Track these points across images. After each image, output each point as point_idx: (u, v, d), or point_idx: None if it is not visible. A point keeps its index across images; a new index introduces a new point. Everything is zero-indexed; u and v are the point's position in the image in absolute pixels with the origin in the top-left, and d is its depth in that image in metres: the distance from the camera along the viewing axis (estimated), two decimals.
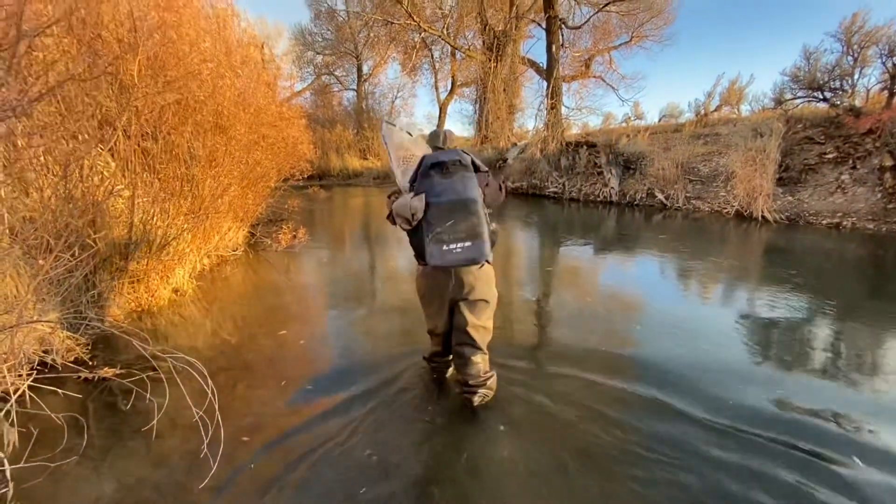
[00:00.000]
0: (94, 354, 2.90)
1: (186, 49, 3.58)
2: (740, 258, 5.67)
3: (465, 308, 2.17)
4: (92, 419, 2.22)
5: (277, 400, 2.44)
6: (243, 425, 2.18)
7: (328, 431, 2.13)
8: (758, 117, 10.28)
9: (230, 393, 2.52)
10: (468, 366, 2.21)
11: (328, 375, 2.72)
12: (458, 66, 22.67)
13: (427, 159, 2.06)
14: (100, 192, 3.13)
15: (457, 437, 2.10)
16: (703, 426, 2.14)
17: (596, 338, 3.22)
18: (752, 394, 2.42)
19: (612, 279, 4.99)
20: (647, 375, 2.61)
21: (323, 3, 22.93)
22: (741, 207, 8.12)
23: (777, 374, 2.69)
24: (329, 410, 2.31)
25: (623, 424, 2.15)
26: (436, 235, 1.96)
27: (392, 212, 2.10)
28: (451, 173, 2.01)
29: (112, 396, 2.44)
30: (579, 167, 11.58)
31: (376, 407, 2.33)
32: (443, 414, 2.28)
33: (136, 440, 2.08)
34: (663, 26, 17.53)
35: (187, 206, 3.88)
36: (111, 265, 3.33)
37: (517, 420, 2.21)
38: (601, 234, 7.57)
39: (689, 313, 3.80)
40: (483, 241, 1.99)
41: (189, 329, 3.45)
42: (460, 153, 2.06)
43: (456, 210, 1.96)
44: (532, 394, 2.42)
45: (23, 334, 2.52)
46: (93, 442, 2.04)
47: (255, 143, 4.76)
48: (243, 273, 5.07)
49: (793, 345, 3.14)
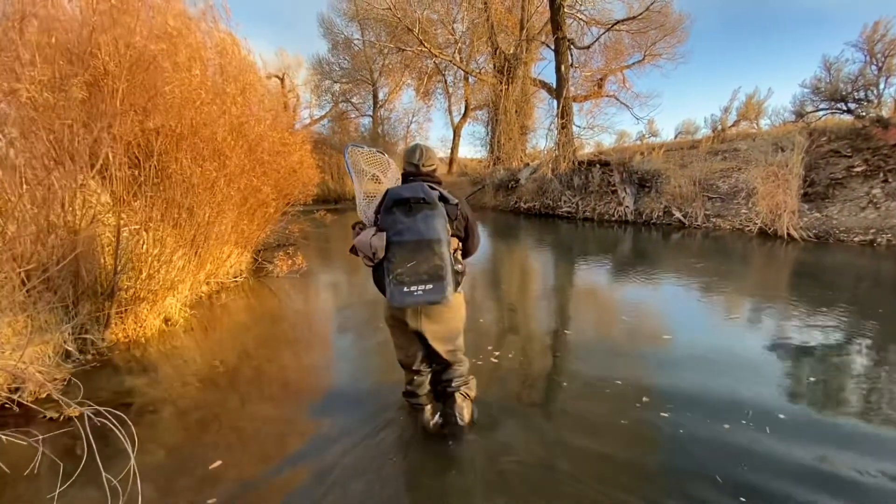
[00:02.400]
0: (67, 390, 2.77)
1: (178, 77, 3.56)
2: (769, 279, 5.29)
3: (432, 340, 2.12)
4: (43, 469, 2.05)
5: (246, 447, 2.25)
6: (205, 474, 1.99)
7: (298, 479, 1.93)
8: (778, 131, 9.91)
9: (198, 435, 2.35)
10: (446, 372, 2.29)
11: (304, 418, 2.53)
12: (470, 90, 22.96)
13: (390, 195, 1.95)
14: (84, 220, 3.06)
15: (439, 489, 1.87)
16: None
17: (613, 381, 2.91)
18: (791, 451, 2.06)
19: (633, 305, 4.54)
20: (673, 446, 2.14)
21: (340, 34, 23.71)
22: (765, 225, 7.70)
23: (820, 421, 2.31)
24: (299, 457, 2.11)
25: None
26: (396, 276, 1.88)
27: (354, 245, 2.01)
28: (413, 212, 1.91)
29: (72, 440, 2.27)
30: (593, 186, 11.33)
31: (355, 457, 2.12)
32: (426, 460, 2.06)
33: (90, 495, 1.90)
34: (676, 44, 17.44)
35: (178, 233, 3.80)
36: (95, 295, 3.24)
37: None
38: (618, 254, 7.25)
39: (717, 343, 3.41)
40: (445, 283, 1.89)
41: (174, 362, 3.31)
42: (426, 189, 1.94)
43: (418, 250, 1.87)
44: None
45: None
46: (41, 499, 1.86)
47: (253, 169, 4.71)
48: (242, 300, 4.96)
49: (837, 383, 2.77)
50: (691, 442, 2.13)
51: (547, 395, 2.72)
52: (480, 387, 2.56)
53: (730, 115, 11.54)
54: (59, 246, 2.93)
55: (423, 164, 2.17)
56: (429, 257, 1.87)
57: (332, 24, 23.36)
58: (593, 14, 15.99)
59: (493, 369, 2.99)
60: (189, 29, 4.40)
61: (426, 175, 2.17)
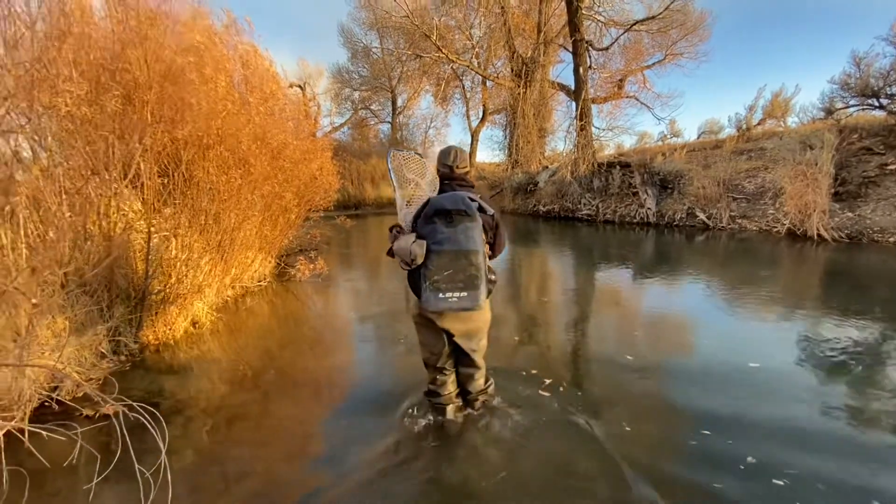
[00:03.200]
0: (104, 388, 2.90)
1: (206, 89, 3.71)
2: (810, 282, 5.12)
3: (458, 337, 2.21)
4: (82, 464, 2.16)
5: (273, 445, 2.32)
6: (230, 473, 2.06)
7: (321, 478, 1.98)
8: (806, 129, 9.61)
9: (227, 434, 2.42)
10: (470, 382, 2.39)
11: (327, 418, 2.58)
12: (488, 95, 22.99)
13: (432, 204, 2.03)
14: (117, 227, 3.21)
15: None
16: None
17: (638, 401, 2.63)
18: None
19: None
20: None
21: (359, 43, 24.12)
22: (793, 225, 7.47)
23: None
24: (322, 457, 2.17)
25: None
26: (433, 283, 1.97)
27: (392, 249, 2.10)
28: (454, 223, 1.99)
29: (108, 437, 2.38)
30: (613, 188, 11.19)
31: (378, 457, 2.16)
32: (448, 461, 2.08)
33: (123, 487, 1.98)
34: (698, 43, 17.09)
35: (204, 238, 3.93)
36: (127, 298, 3.38)
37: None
38: (643, 257, 7.14)
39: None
40: (479, 292, 2.00)
41: (199, 363, 3.42)
42: (467, 202, 2.01)
43: (456, 260, 1.97)
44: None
45: (32, 371, 2.55)
46: (77, 493, 1.96)
47: (275, 176, 4.84)
48: (266, 304, 5.08)
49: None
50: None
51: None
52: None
53: (755, 114, 11.23)
54: (94, 251, 3.08)
55: (457, 166, 2.23)
56: (465, 267, 1.97)
57: (352, 34, 23.82)
58: (612, 15, 15.84)
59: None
60: (214, 42, 4.58)
61: (460, 178, 2.24)
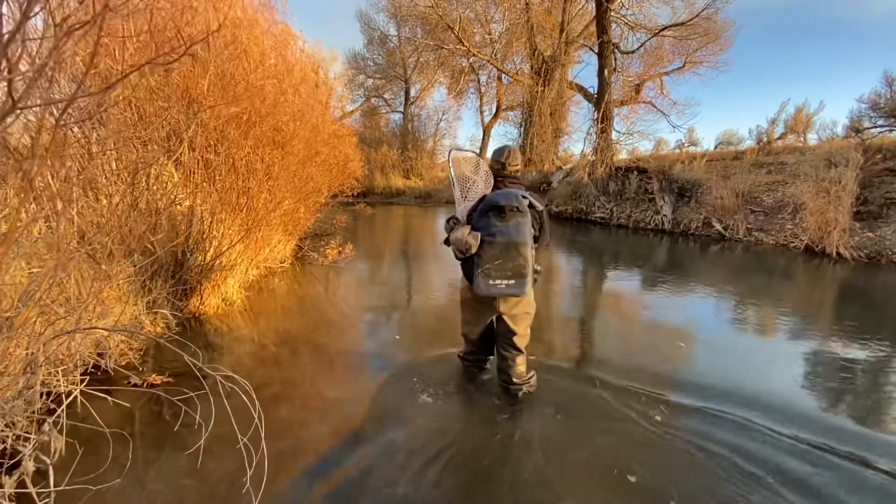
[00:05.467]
0: (145, 360, 2.92)
1: (252, 66, 3.69)
2: (835, 300, 5.14)
3: (509, 321, 2.43)
4: (137, 431, 2.18)
5: (319, 424, 2.33)
6: (285, 448, 2.08)
7: (369, 458, 2.02)
8: (828, 146, 9.59)
9: (271, 411, 2.43)
10: (513, 367, 2.49)
11: (370, 397, 2.60)
12: (504, 90, 22.86)
13: (488, 200, 2.23)
14: (162, 201, 3.21)
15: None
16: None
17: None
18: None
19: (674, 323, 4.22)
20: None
21: (376, 29, 23.93)
22: (812, 242, 7.48)
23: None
24: (369, 436, 2.19)
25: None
26: (484, 270, 2.19)
27: (449, 238, 2.32)
28: (507, 218, 2.19)
29: (158, 406, 2.40)
30: (629, 193, 11.18)
31: (419, 432, 2.21)
32: (487, 435, 2.10)
33: (179, 457, 2.01)
34: (719, 52, 16.92)
35: (242, 217, 3.94)
36: (167, 273, 3.39)
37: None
38: (660, 263, 7.15)
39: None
40: (525, 280, 2.22)
41: (234, 339, 3.44)
42: (519, 199, 2.21)
43: (506, 251, 2.17)
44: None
45: (81, 337, 2.56)
46: (136, 459, 1.97)
47: (310, 158, 4.84)
48: (289, 286, 5.10)
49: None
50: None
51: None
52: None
53: (776, 128, 11.19)
54: (140, 224, 3.08)
55: (509, 164, 2.43)
56: (514, 257, 2.18)
57: (370, 20, 23.62)
58: (639, 19, 15.72)
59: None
60: (256, 21, 4.55)
61: (511, 175, 2.43)
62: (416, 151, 23.67)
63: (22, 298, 1.95)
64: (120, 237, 2.99)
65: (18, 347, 2.07)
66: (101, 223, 2.86)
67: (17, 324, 1.97)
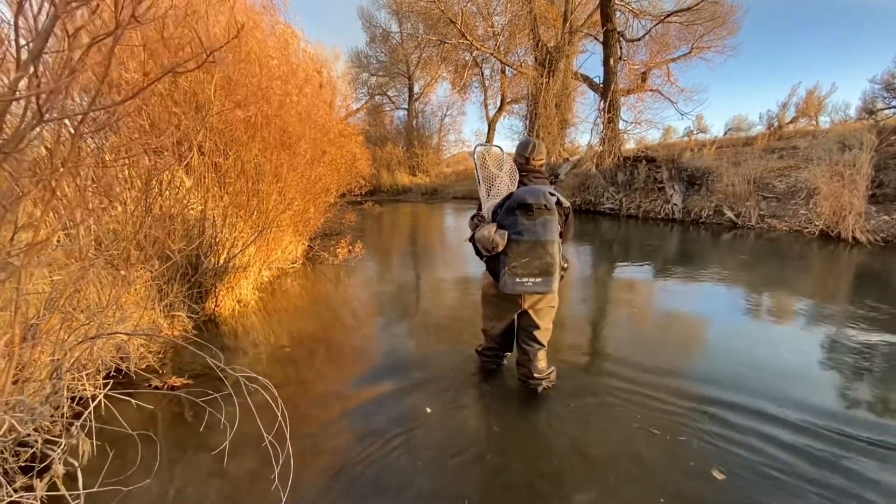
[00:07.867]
0: (164, 363, 2.97)
1: (257, 69, 3.71)
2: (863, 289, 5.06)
3: (533, 315, 2.43)
4: (161, 433, 2.23)
5: (338, 422, 2.36)
6: (306, 447, 2.11)
7: (388, 454, 2.05)
8: (841, 129, 9.40)
9: (290, 410, 2.46)
10: (534, 361, 2.47)
11: (386, 395, 2.62)
12: (508, 83, 22.70)
13: (515, 197, 2.19)
14: (176, 206, 3.25)
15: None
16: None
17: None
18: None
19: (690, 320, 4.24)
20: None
21: (378, 27, 23.87)
22: (826, 227, 7.36)
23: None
24: (387, 433, 2.22)
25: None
26: (511, 269, 2.17)
27: (474, 236, 2.29)
28: (534, 216, 2.15)
29: (180, 407, 2.45)
30: (638, 182, 11.08)
31: (437, 429, 2.22)
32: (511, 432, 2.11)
33: (204, 457, 2.04)
34: (726, 37, 16.60)
35: (253, 219, 3.98)
36: (183, 276, 3.44)
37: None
38: (672, 253, 7.09)
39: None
40: (553, 278, 2.20)
41: (250, 340, 3.48)
42: (547, 196, 2.17)
43: (533, 249, 2.15)
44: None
45: (102, 342, 2.61)
46: (163, 460, 2.01)
47: (317, 158, 4.86)
48: (302, 285, 5.14)
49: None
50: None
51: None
52: None
53: (787, 112, 10.99)
54: (155, 229, 3.12)
55: (533, 158, 2.40)
56: (542, 255, 2.16)
57: (372, 17, 23.56)
58: (644, 5, 15.49)
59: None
60: (256, 23, 4.57)
61: (536, 170, 2.41)
62: (421, 148, 23.66)
63: (46, 306, 2.00)
64: (136, 243, 3.05)
65: (44, 354, 2.12)
66: (117, 230, 2.91)
67: (41, 331, 2.02)
